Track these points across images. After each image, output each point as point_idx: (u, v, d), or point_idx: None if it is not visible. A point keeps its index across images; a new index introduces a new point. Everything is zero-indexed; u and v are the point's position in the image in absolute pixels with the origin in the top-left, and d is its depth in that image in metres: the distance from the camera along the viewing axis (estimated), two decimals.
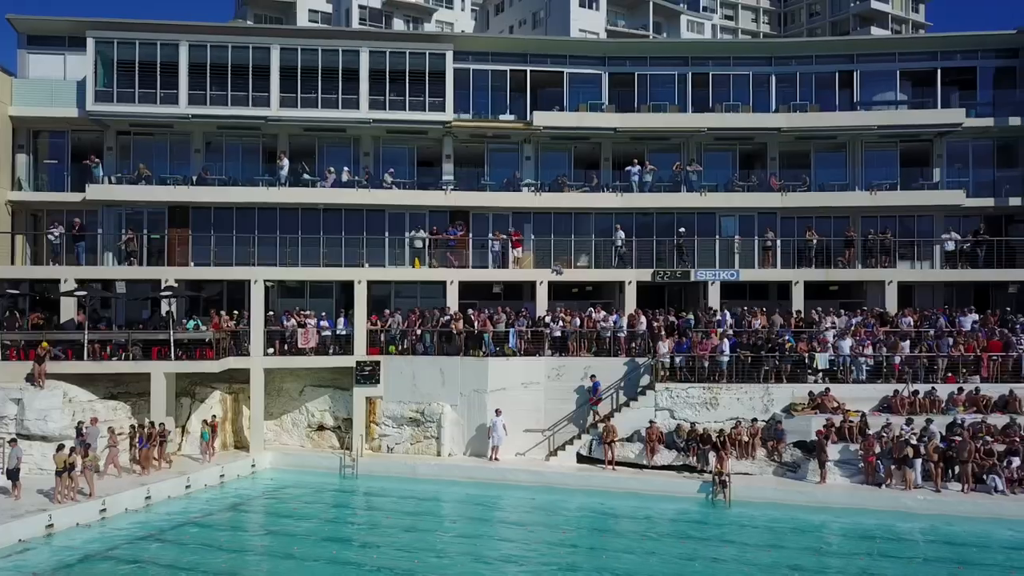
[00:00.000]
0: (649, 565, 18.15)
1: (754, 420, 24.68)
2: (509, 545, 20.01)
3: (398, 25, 64.21)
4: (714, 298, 29.06)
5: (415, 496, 24.05)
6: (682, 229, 30.35)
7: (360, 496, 24.87)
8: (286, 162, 29.72)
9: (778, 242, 30.90)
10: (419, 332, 27.70)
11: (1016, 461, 21.94)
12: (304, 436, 28.94)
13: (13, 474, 20.37)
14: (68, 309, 27.51)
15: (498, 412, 26.09)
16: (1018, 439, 22.56)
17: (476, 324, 27.43)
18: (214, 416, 25.80)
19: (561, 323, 27.49)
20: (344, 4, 63.47)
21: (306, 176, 29.93)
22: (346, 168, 30.35)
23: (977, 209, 31.16)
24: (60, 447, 20.43)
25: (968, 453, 21.83)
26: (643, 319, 27.42)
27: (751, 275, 29.89)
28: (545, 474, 25.09)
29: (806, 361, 25.67)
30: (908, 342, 26.22)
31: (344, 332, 27.88)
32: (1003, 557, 18.61)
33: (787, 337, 26.19)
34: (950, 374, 25.56)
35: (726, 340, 25.83)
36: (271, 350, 27.63)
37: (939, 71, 31.69)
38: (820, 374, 25.60)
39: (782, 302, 29.87)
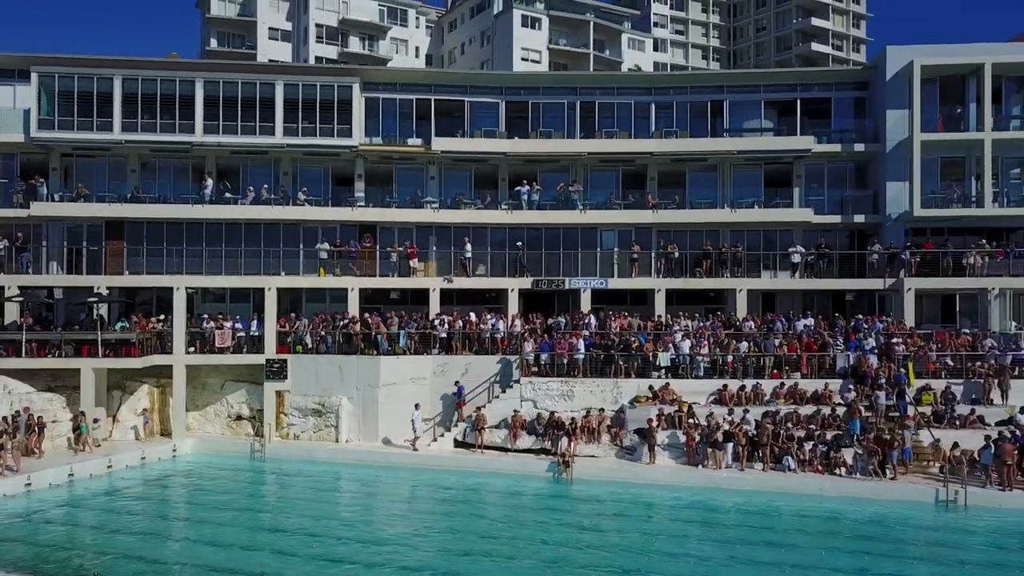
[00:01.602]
0: (486, 526, 22.13)
1: (601, 410, 28.50)
2: (376, 514, 23.97)
3: (354, 43, 68.18)
4: (586, 304, 32.89)
5: (306, 474, 27.93)
6: (519, 243, 34.21)
7: (261, 474, 28.75)
8: (210, 182, 33.50)
9: (652, 254, 34.67)
10: (322, 334, 31.45)
11: (809, 445, 25.76)
12: (225, 425, 32.66)
13: None
14: (12, 312, 31.28)
15: (417, 406, 29.57)
16: (814, 426, 26.41)
17: (372, 327, 31.20)
18: (83, 413, 28.69)
19: (447, 325, 31.29)
20: (302, 23, 67.40)
21: (228, 195, 33.69)
22: (265, 186, 34.13)
23: (829, 225, 34.98)
24: None
25: (766, 437, 25.67)
26: (517, 322, 31.24)
27: (621, 283, 33.71)
28: (424, 457, 28.84)
29: (651, 359, 29.48)
30: (745, 343, 30.07)
31: (257, 333, 31.61)
32: (791, 524, 22.31)
33: (636, 338, 29.97)
34: (776, 371, 29.39)
35: (581, 340, 29.65)
36: (192, 349, 31.35)
37: (799, 101, 35.56)
38: (663, 370, 29.39)
39: (667, 307, 33.53)
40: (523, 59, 64.71)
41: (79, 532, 21.13)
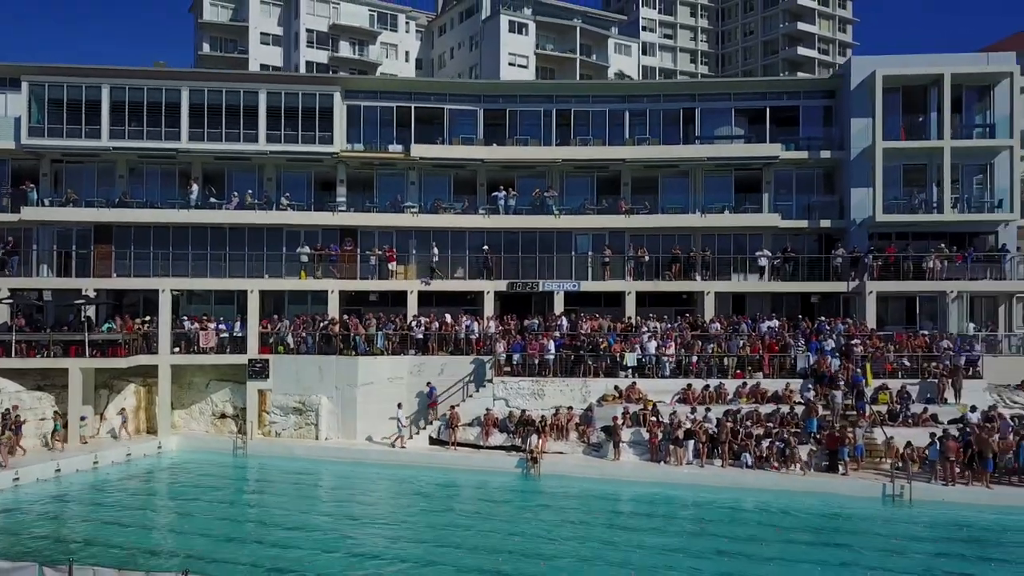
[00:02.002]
0: (453, 518, 23.28)
1: (570, 408, 29.56)
2: (350, 506, 25.06)
3: (344, 47, 69.31)
4: (559, 306, 33.98)
5: (286, 470, 29.03)
6: (486, 247, 35.35)
7: (242, 470, 29.86)
8: (195, 188, 34.60)
9: (626, 257, 35.67)
10: (303, 334, 32.52)
11: (766, 442, 26.82)
12: (209, 423, 33.71)
13: None
14: (3, 314, 32.32)
15: (400, 406, 30.64)
16: (772, 424, 27.47)
17: (350, 328, 32.27)
18: (56, 412, 29.82)
19: (423, 327, 32.37)
20: (293, 28, 68.48)
21: (213, 200, 34.77)
22: (249, 191, 35.20)
23: (797, 229, 36.03)
24: None
25: (724, 434, 26.73)
26: (491, 323, 32.31)
27: (594, 286, 34.76)
28: (399, 453, 29.91)
29: (618, 359, 30.54)
30: (712, 344, 31.13)
31: (240, 334, 32.66)
32: (740, 516, 23.35)
33: (605, 338, 31.02)
34: (739, 371, 30.46)
35: (552, 341, 30.73)
36: (177, 349, 32.42)
37: (768, 109, 36.61)
38: (630, 370, 30.45)
39: (639, 308, 34.47)
40: (510, 64, 65.67)
41: (63, 523, 22.21)
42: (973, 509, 23.18)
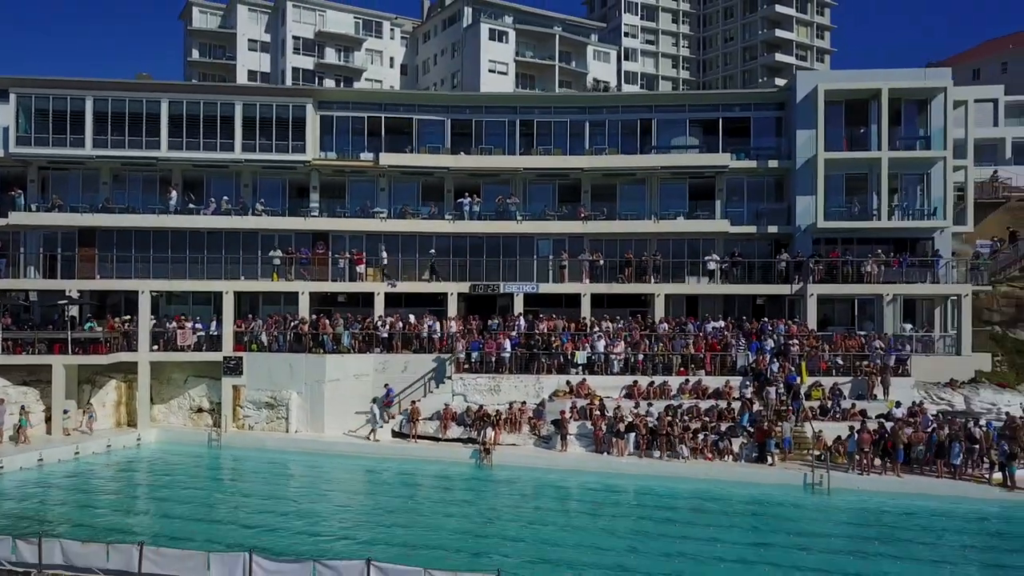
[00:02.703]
0: (400, 503, 25.24)
1: (523, 403, 31.46)
2: (311, 493, 26.95)
3: (330, 54, 71.20)
4: (520, 307, 35.87)
5: (257, 460, 30.95)
6: (432, 251, 37.28)
7: (216, 460, 31.83)
8: (175, 194, 36.49)
9: (581, 260, 37.50)
10: (275, 333, 34.42)
11: (702, 435, 28.74)
12: (186, 416, 35.60)
13: None
14: None
15: (375, 400, 32.59)
16: (709, 418, 29.39)
17: (319, 327, 34.18)
18: (23, 408, 31.21)
19: (388, 326, 34.28)
20: (280, 35, 70.42)
21: (192, 205, 36.67)
22: (225, 197, 37.11)
23: (747, 235, 37.93)
24: None
25: (663, 428, 28.65)
26: (452, 323, 34.23)
27: (552, 288, 36.63)
28: (363, 445, 31.80)
29: (569, 357, 32.46)
30: (659, 343, 33.04)
31: (216, 333, 34.57)
32: (668, 503, 25.36)
33: (558, 337, 32.92)
34: (682, 368, 32.38)
35: (508, 340, 32.64)
36: (156, 347, 34.32)
37: (721, 120, 38.51)
38: (580, 367, 32.37)
39: (596, 309, 36.37)
40: (490, 71, 67.59)
41: (41, 506, 24.09)
42: (884, 496, 25.12)
